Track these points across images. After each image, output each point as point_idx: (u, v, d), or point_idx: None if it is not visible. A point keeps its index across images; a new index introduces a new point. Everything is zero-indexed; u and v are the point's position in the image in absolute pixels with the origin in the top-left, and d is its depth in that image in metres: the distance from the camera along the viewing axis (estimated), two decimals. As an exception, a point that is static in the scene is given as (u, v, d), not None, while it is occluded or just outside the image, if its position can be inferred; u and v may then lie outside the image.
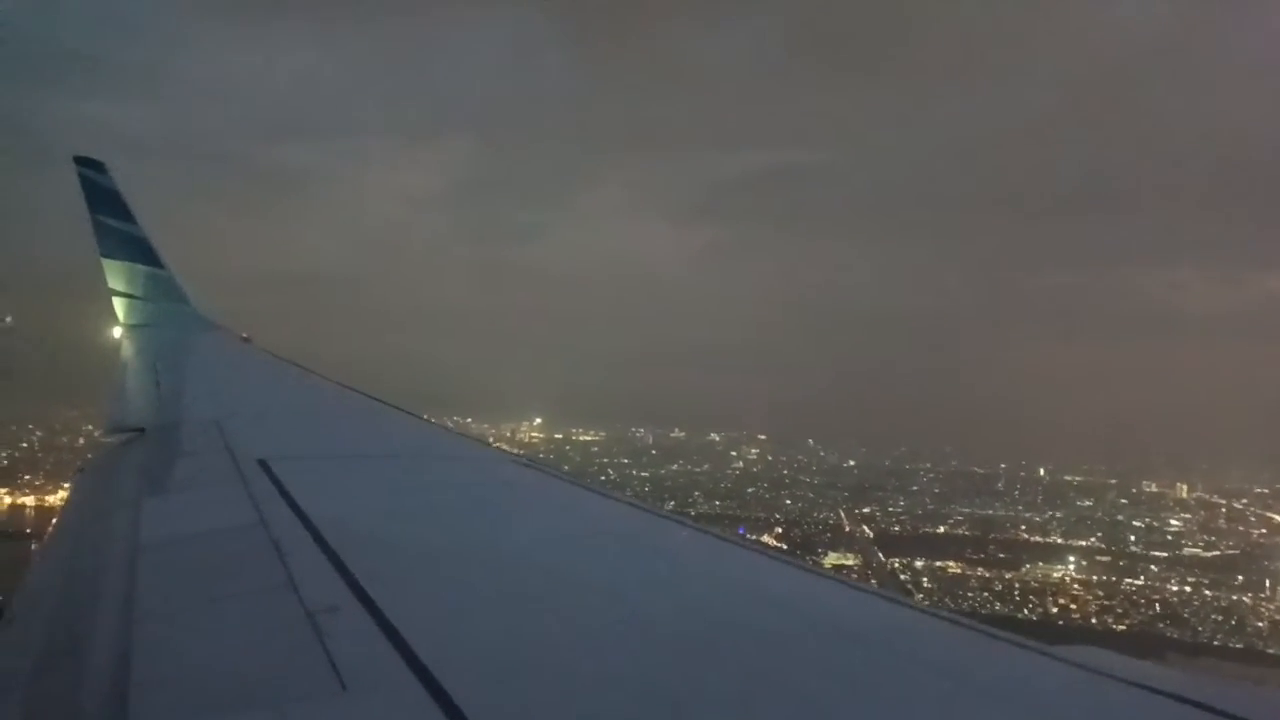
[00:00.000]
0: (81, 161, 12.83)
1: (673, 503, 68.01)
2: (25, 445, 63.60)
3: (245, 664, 2.30)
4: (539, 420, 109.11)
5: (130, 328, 12.58)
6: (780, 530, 67.36)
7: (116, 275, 12.86)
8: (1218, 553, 63.89)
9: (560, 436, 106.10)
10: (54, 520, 5.42)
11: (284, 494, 4.03)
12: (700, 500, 75.75)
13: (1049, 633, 43.94)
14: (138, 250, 13.04)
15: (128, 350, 11.60)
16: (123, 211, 12.94)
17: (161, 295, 13.18)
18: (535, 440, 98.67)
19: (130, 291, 12.91)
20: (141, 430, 6.54)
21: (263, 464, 4.63)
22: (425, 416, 8.15)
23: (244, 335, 12.83)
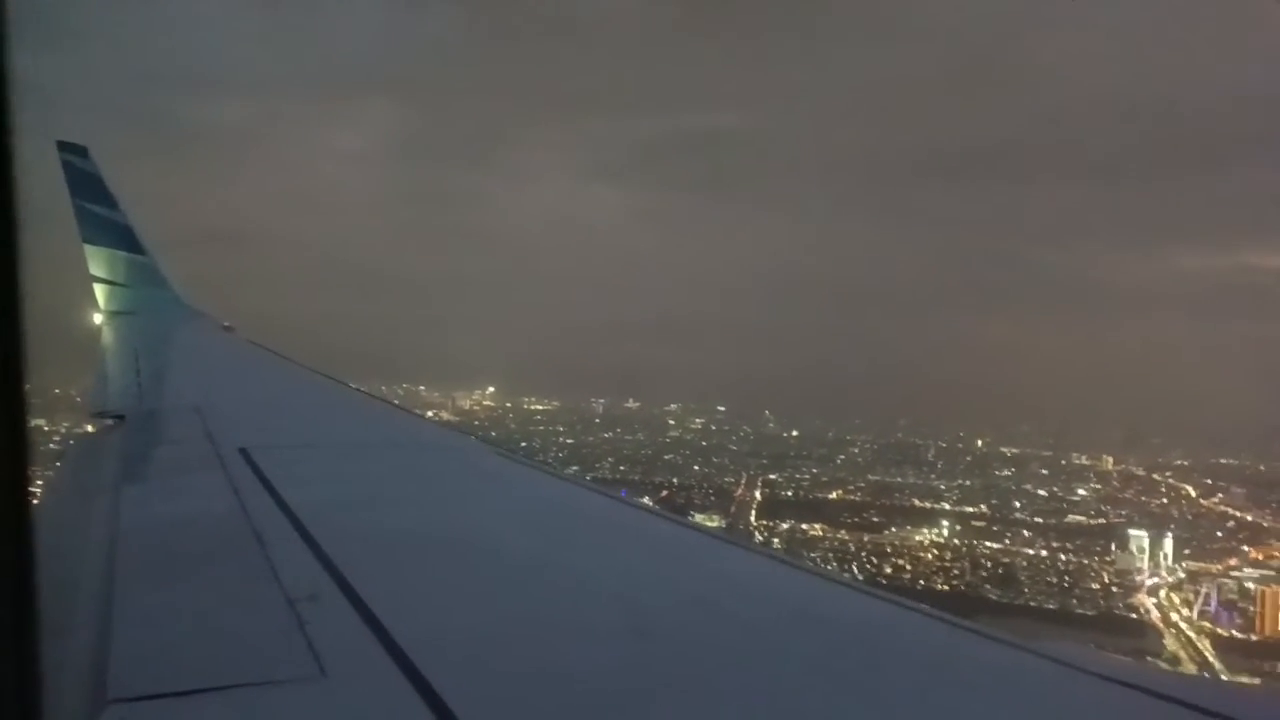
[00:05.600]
0: (64, 146, 12.37)
1: (576, 467, 68.49)
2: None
3: (226, 649, 2.33)
4: (491, 389, 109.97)
5: (111, 314, 12.33)
6: (665, 494, 67.48)
7: (98, 261, 12.54)
8: (1103, 521, 62.39)
9: (510, 405, 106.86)
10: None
11: (264, 482, 4.09)
12: (608, 466, 76.16)
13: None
14: (120, 236, 12.72)
15: (108, 337, 11.42)
16: (105, 197, 12.61)
17: (144, 281, 12.87)
18: (480, 408, 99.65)
19: (112, 278, 12.59)
20: (122, 417, 6.53)
21: (244, 452, 4.68)
22: (402, 405, 8.53)
23: (226, 324, 12.73)
